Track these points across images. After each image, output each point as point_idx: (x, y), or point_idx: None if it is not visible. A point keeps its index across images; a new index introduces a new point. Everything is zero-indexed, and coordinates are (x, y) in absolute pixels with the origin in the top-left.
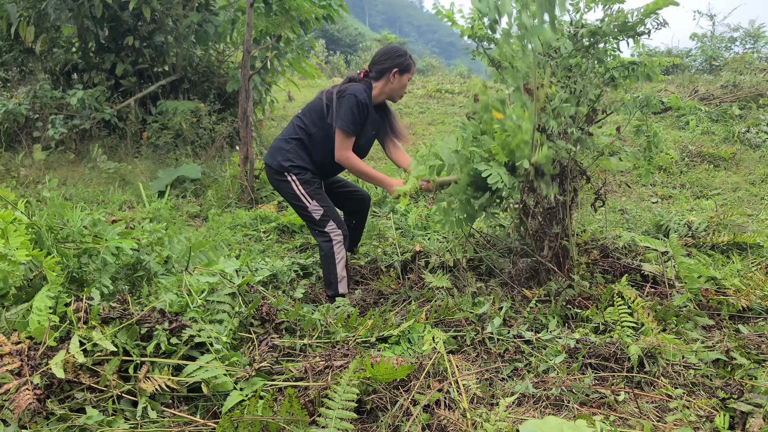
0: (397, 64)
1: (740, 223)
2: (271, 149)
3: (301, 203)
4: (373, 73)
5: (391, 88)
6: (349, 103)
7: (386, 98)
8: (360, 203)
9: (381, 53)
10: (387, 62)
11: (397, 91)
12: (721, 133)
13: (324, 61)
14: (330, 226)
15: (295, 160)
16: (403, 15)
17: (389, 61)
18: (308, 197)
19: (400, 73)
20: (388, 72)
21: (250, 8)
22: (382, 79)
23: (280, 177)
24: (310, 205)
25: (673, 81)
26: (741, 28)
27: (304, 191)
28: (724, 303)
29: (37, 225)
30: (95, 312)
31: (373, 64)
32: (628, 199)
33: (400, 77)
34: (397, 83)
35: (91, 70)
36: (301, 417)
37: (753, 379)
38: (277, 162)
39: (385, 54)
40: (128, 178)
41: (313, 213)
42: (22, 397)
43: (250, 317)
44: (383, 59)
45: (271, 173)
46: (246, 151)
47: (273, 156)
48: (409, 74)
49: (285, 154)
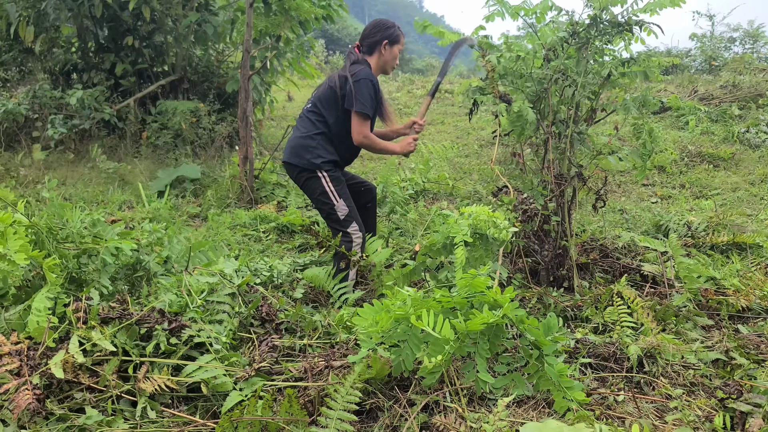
0: (386, 36)
1: (740, 223)
2: (293, 148)
3: (329, 201)
4: (365, 47)
5: (384, 60)
6: (366, 87)
7: (380, 72)
8: (368, 194)
9: (370, 27)
10: (377, 35)
11: (389, 62)
12: (720, 134)
13: (324, 61)
14: (353, 227)
15: (325, 155)
16: (403, 15)
17: (379, 33)
18: (336, 195)
19: (390, 44)
20: (378, 44)
21: (249, 8)
22: (375, 53)
23: (310, 174)
24: (338, 203)
25: (673, 81)
26: (740, 28)
27: (334, 189)
28: (723, 303)
29: (37, 226)
30: (95, 312)
31: (363, 39)
32: (628, 199)
33: (391, 48)
34: (389, 54)
35: (91, 70)
36: (300, 417)
37: (752, 379)
38: (306, 160)
39: (375, 27)
40: (128, 178)
41: (338, 212)
42: (21, 397)
43: (250, 317)
44: (373, 32)
45: (297, 172)
46: (245, 151)
47: (299, 155)
48: (399, 45)
49: (313, 150)
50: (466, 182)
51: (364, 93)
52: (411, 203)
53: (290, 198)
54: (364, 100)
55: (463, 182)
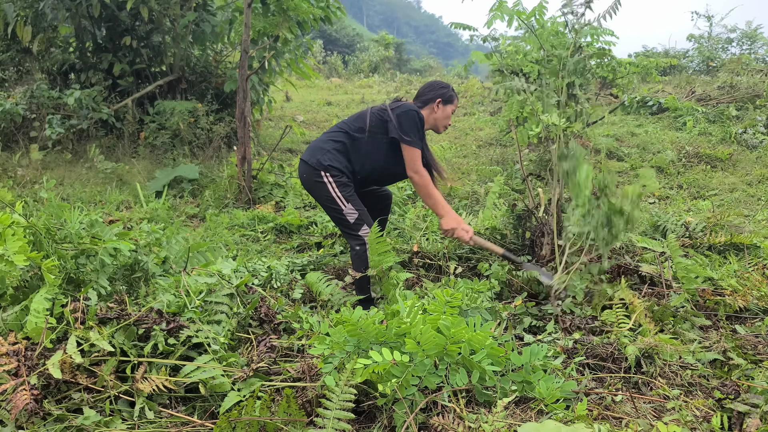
0: (440, 95)
1: (737, 223)
2: (311, 148)
3: (336, 206)
4: (419, 103)
5: (435, 117)
6: (410, 117)
7: (430, 127)
8: (384, 200)
9: (425, 86)
10: (431, 93)
11: (441, 121)
12: (718, 134)
13: (321, 62)
14: (364, 230)
15: (334, 162)
16: (401, 15)
17: (433, 92)
18: (344, 200)
19: (444, 103)
20: (432, 102)
21: (247, 8)
22: (427, 108)
23: (317, 177)
24: (345, 208)
25: (671, 82)
26: (738, 29)
27: (340, 194)
28: (721, 303)
29: (35, 227)
30: (92, 312)
31: (417, 97)
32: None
33: (444, 107)
34: (441, 113)
35: (89, 69)
36: (298, 417)
37: (750, 379)
38: (315, 159)
39: (429, 86)
40: (125, 178)
41: (347, 216)
42: (19, 397)
43: (249, 318)
44: (427, 91)
45: (307, 170)
46: (243, 151)
47: (312, 154)
48: (452, 106)
49: (325, 154)
50: (464, 182)
51: (409, 122)
52: (409, 203)
53: (288, 198)
54: (410, 129)
55: (461, 182)
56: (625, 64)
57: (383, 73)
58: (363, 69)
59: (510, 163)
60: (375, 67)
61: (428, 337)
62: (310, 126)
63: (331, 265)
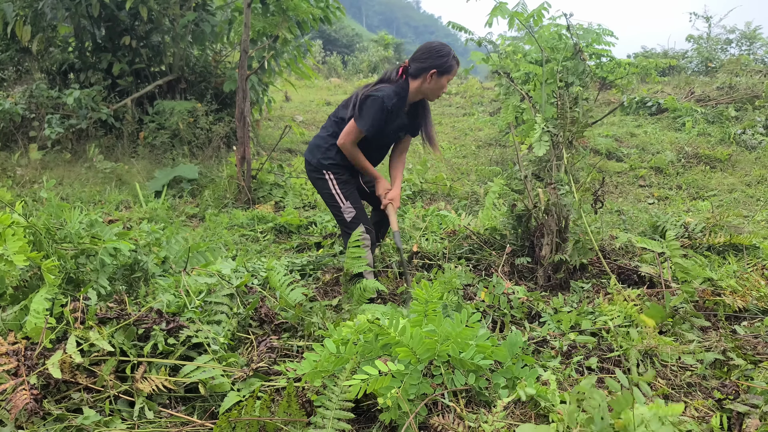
0: (437, 65)
1: (736, 224)
2: (310, 146)
3: (335, 203)
4: (412, 69)
5: (427, 87)
6: (373, 105)
7: (422, 97)
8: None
9: (422, 50)
10: (427, 61)
11: (434, 91)
12: (717, 135)
13: (321, 62)
14: (360, 229)
15: (333, 157)
16: (401, 15)
17: (429, 60)
18: (343, 197)
19: (439, 74)
20: (425, 72)
21: (247, 8)
22: (419, 78)
23: (318, 174)
24: (344, 205)
25: (670, 82)
26: (737, 29)
27: (340, 191)
28: (720, 304)
29: (35, 226)
30: (92, 312)
31: (412, 60)
32: (625, 200)
33: (438, 78)
34: (434, 84)
35: (88, 69)
36: (298, 417)
37: (749, 379)
38: (316, 159)
39: (427, 51)
40: (125, 178)
41: (345, 214)
42: (18, 397)
43: (249, 318)
44: (423, 56)
45: (309, 169)
46: (243, 151)
47: (312, 153)
48: (450, 76)
49: (324, 152)
50: (464, 183)
51: (368, 109)
52: (408, 203)
53: (287, 198)
54: (365, 115)
55: (460, 183)
56: (624, 64)
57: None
58: (362, 69)
59: (510, 163)
60: (374, 68)
61: (419, 340)
62: (310, 126)
63: (330, 265)
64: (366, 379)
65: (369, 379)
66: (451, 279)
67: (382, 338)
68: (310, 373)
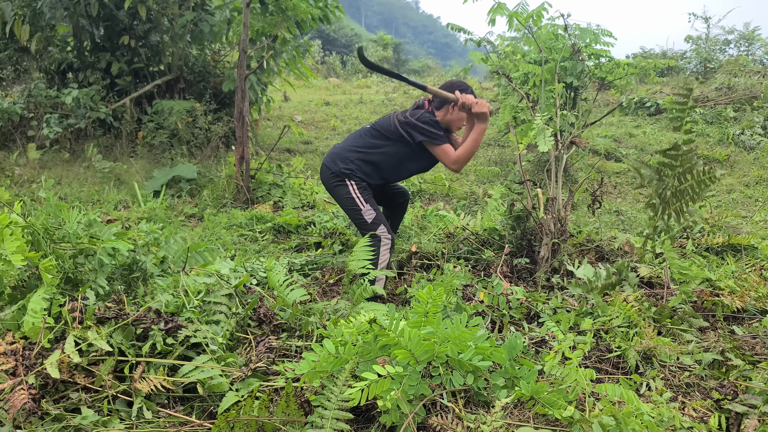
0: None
1: (735, 224)
2: (333, 154)
3: (355, 206)
4: (435, 103)
5: (450, 119)
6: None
7: (445, 127)
8: (401, 197)
9: (445, 86)
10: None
11: (455, 122)
12: (715, 135)
13: (320, 62)
14: (381, 229)
15: (357, 172)
16: (400, 16)
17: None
18: (363, 201)
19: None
20: (447, 104)
21: (246, 8)
22: (442, 110)
23: (339, 181)
24: (364, 208)
25: (668, 83)
26: (735, 30)
27: (360, 195)
28: (718, 304)
29: (34, 226)
30: (91, 312)
31: (436, 96)
32: (624, 201)
33: (458, 111)
34: (456, 115)
35: (87, 69)
36: (297, 417)
37: (747, 380)
38: (338, 168)
39: (449, 88)
40: (123, 178)
41: (365, 216)
42: (16, 397)
43: (247, 318)
44: (446, 91)
45: (328, 174)
46: (242, 151)
47: (335, 161)
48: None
49: (349, 164)
50: (462, 183)
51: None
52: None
53: (286, 198)
54: (429, 131)
55: (459, 183)
56: (623, 65)
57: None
58: (361, 69)
59: (510, 164)
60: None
61: (417, 342)
62: (309, 126)
63: (329, 265)
64: (367, 385)
65: (369, 383)
66: (451, 280)
67: (381, 339)
68: (309, 374)
